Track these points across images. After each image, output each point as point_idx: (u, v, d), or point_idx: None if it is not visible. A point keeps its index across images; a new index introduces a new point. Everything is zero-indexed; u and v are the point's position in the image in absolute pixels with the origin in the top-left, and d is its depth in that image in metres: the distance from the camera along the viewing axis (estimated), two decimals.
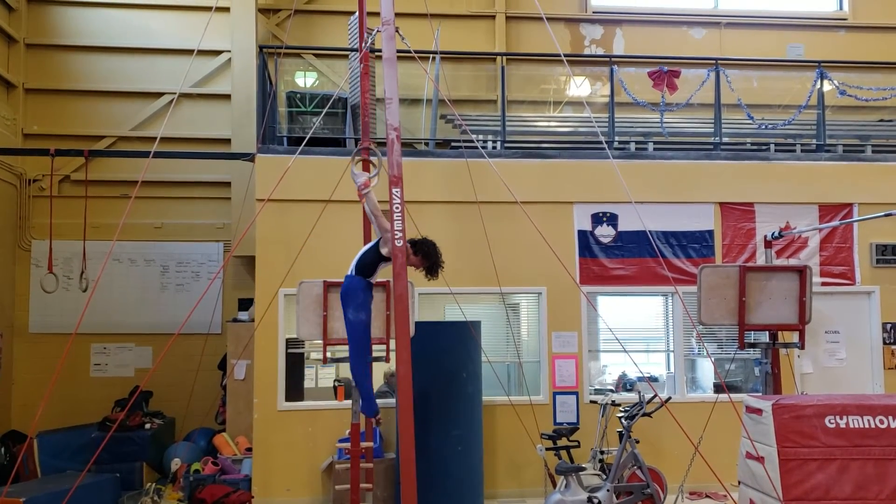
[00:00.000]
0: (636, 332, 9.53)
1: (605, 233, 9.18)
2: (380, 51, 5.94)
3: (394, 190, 5.04)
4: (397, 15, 5.94)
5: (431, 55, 9.60)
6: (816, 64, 9.94)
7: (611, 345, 9.13)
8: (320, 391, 9.16)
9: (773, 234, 8.45)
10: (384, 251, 5.78)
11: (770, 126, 9.82)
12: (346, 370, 8.89)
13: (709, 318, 6.80)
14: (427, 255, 5.88)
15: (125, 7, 11.72)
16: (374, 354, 7.04)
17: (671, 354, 9.32)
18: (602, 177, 8.85)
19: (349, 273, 5.99)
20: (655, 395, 7.41)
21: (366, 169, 7.15)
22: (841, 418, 5.45)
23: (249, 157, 9.22)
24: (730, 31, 12.41)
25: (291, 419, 8.58)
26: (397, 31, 5.91)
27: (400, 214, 5.05)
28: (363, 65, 7.45)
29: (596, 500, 7.03)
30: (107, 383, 11.04)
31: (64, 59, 11.67)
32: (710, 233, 9.31)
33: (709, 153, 9.62)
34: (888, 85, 10.17)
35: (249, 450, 8.91)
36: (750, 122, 9.76)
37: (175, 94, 10.69)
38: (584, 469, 7.53)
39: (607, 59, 10.49)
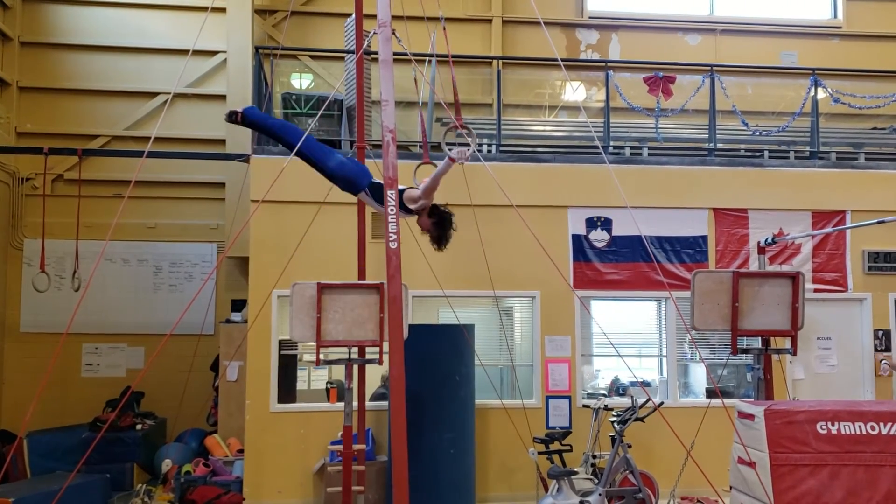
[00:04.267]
0: (629, 336, 9.54)
1: (599, 237, 9.20)
2: (376, 53, 5.93)
3: (389, 192, 5.03)
4: (394, 18, 5.94)
5: (427, 58, 9.61)
6: (810, 71, 9.99)
7: (604, 349, 9.14)
8: (313, 393, 9.14)
9: (766, 240, 8.47)
10: (409, 202, 5.67)
11: (764, 133, 9.86)
12: (339, 372, 8.88)
13: (702, 324, 6.81)
14: (439, 224, 5.77)
15: (121, 6, 11.69)
16: (368, 356, 7.04)
17: (664, 359, 9.34)
18: (597, 181, 8.87)
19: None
20: (648, 400, 7.42)
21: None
22: (832, 424, 5.46)
23: (244, 158, 9.20)
24: (725, 37, 12.47)
25: (283, 421, 8.56)
26: (394, 34, 5.91)
27: (395, 217, 5.04)
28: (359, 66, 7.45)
29: None
30: (98, 383, 10.99)
31: (58, 57, 11.64)
32: (704, 238, 9.34)
33: (703, 159, 9.65)
34: (882, 93, 10.23)
35: (241, 451, 8.88)
36: (744, 128, 9.79)
37: (170, 94, 10.66)
38: (576, 473, 7.52)
39: (603, 64, 10.52)
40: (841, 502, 5.36)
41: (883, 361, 9.24)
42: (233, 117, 5.96)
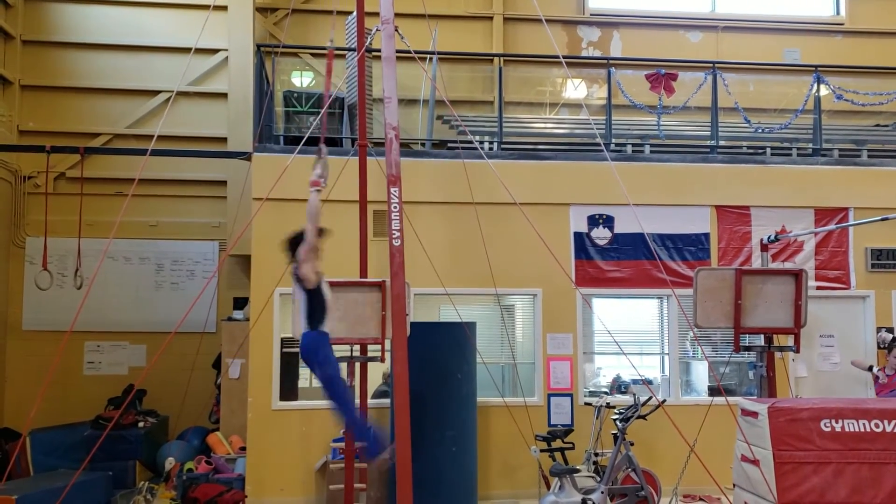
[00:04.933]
0: (631, 334, 9.54)
1: (601, 235, 9.19)
2: (378, 50, 5.93)
3: (392, 189, 5.03)
4: (396, 15, 5.93)
5: (429, 55, 9.60)
6: (813, 68, 9.96)
7: (606, 347, 9.14)
8: (315, 391, 9.11)
9: (768, 237, 8.47)
10: (299, 270, 5.53)
11: (766, 130, 9.84)
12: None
13: (704, 321, 6.81)
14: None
15: (122, 4, 11.69)
16: (370, 354, 7.04)
17: (666, 357, 9.32)
18: (598, 179, 8.86)
19: (302, 330, 5.66)
20: (651, 398, 7.42)
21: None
22: (836, 422, 5.46)
23: (246, 156, 9.19)
24: (727, 34, 12.44)
25: (286, 418, 8.56)
26: (396, 31, 5.91)
27: (398, 214, 5.04)
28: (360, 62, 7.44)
29: (590, 502, 7.02)
30: (100, 381, 11.00)
31: (60, 55, 11.64)
32: (706, 236, 9.33)
33: (705, 156, 9.63)
34: (884, 89, 10.20)
35: (243, 449, 8.88)
36: (746, 125, 9.77)
37: (172, 92, 10.65)
38: (578, 471, 7.52)
39: (605, 61, 10.50)
40: (845, 500, 5.36)
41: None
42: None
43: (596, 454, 8.16)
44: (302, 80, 11.26)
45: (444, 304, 8.98)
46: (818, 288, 9.21)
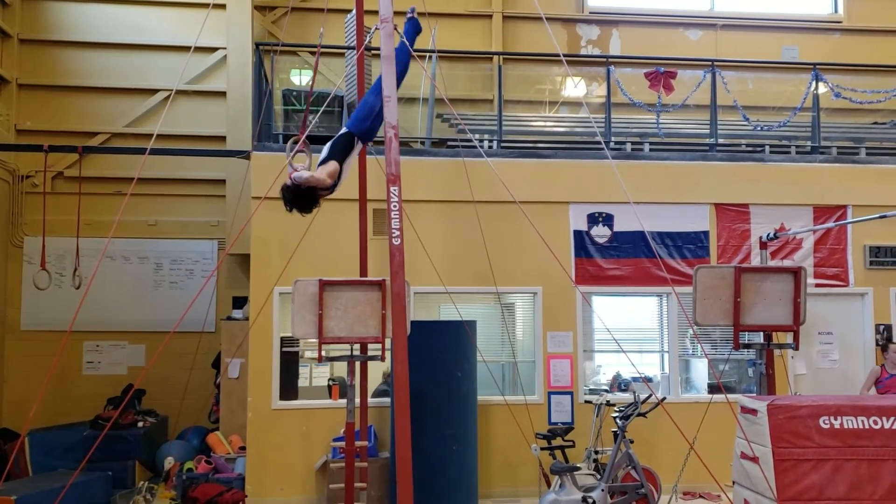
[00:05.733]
0: (631, 332, 9.54)
1: (600, 233, 9.19)
2: (377, 49, 5.92)
3: (392, 188, 5.02)
4: (395, 13, 5.92)
5: (428, 54, 9.60)
6: (811, 66, 9.97)
7: (606, 345, 9.15)
8: (314, 390, 9.14)
9: (767, 235, 8.47)
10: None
11: (765, 128, 9.85)
12: (341, 369, 8.88)
13: (704, 319, 6.80)
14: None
15: (120, 3, 11.67)
16: (370, 353, 7.04)
17: (666, 355, 9.33)
18: (598, 177, 8.86)
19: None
20: (651, 395, 7.43)
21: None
22: (835, 419, 5.46)
23: (245, 155, 9.19)
24: (726, 32, 12.44)
25: (285, 418, 8.55)
26: (396, 30, 5.90)
27: (398, 213, 5.03)
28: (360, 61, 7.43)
29: (590, 500, 7.03)
30: (99, 381, 10.99)
31: (58, 54, 11.61)
32: (706, 234, 9.34)
33: (704, 154, 9.64)
34: (883, 87, 10.23)
35: (243, 448, 8.88)
36: (745, 123, 9.78)
37: (170, 90, 10.64)
38: (578, 469, 7.53)
39: (604, 59, 10.50)
40: (844, 497, 5.36)
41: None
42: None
43: (596, 452, 8.17)
44: (301, 78, 11.25)
45: (445, 303, 8.98)
46: (817, 285, 9.22)
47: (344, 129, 6.14)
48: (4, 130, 11.17)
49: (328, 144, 6.04)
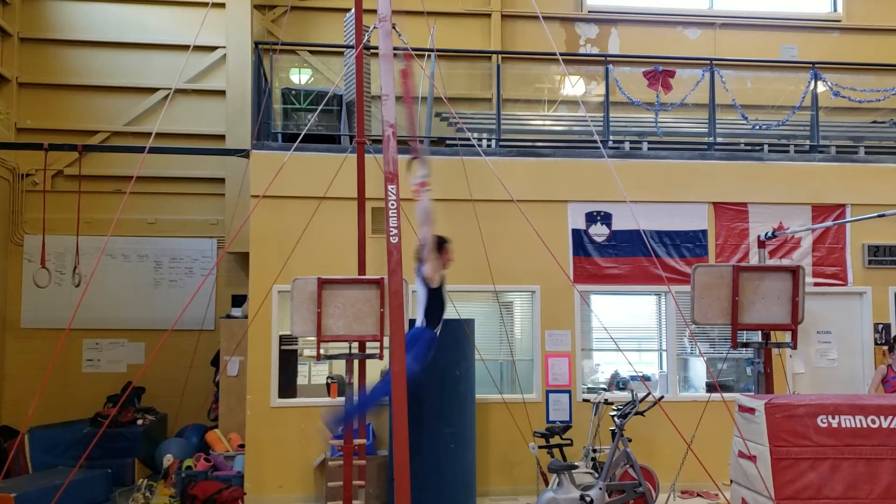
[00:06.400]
0: (629, 330, 9.55)
1: (599, 232, 9.20)
2: (376, 48, 5.93)
3: (389, 187, 5.03)
4: (393, 12, 5.94)
5: (427, 52, 9.60)
6: (810, 65, 9.97)
7: (604, 343, 9.15)
8: (313, 388, 9.15)
9: (766, 234, 8.48)
10: (422, 270, 6.03)
11: (764, 126, 9.85)
12: (339, 367, 8.89)
13: (702, 318, 6.82)
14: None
15: (120, 2, 11.68)
16: (368, 351, 7.06)
17: (664, 353, 9.35)
18: (596, 176, 8.86)
19: (419, 325, 6.20)
20: (649, 394, 7.44)
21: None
22: (833, 418, 5.48)
23: (244, 154, 9.20)
24: (724, 31, 12.45)
25: (284, 416, 8.57)
26: (394, 28, 5.91)
27: (395, 211, 5.05)
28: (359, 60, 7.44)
29: (588, 499, 7.04)
30: (99, 379, 11.01)
31: (58, 53, 11.63)
32: (704, 232, 9.34)
33: (703, 153, 9.65)
34: (881, 86, 10.21)
35: (242, 446, 8.90)
36: (744, 122, 9.78)
37: (170, 89, 10.64)
38: (576, 467, 7.54)
39: (602, 58, 10.50)
40: (841, 496, 5.38)
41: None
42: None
43: (594, 450, 8.17)
44: (300, 77, 11.26)
45: None
46: (815, 284, 9.23)
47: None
48: (5, 129, 11.18)
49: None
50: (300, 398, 8.81)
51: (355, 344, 6.85)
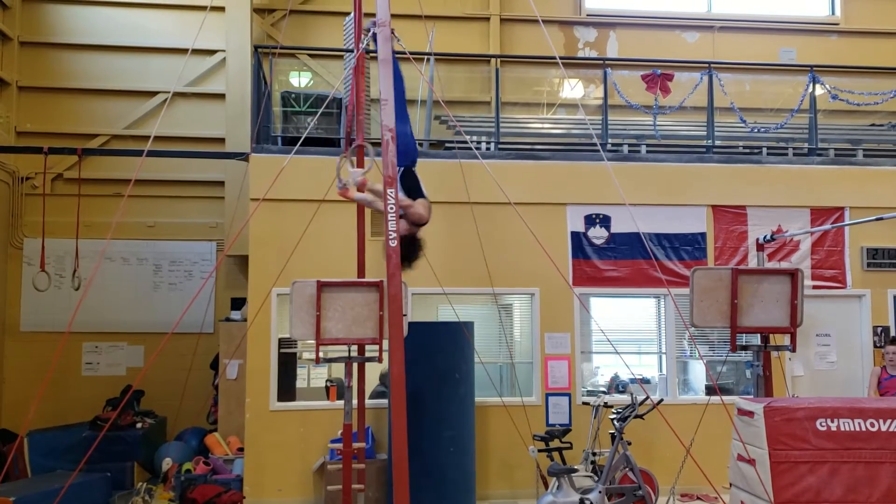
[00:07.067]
0: (628, 333, 9.56)
1: (597, 234, 9.21)
2: (375, 52, 5.94)
3: (388, 191, 5.03)
4: (392, 16, 5.94)
5: (426, 56, 9.62)
6: (809, 68, 10.00)
7: (603, 346, 9.14)
8: (312, 391, 9.14)
9: (765, 237, 8.48)
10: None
11: (762, 129, 9.87)
12: (338, 370, 8.89)
13: (701, 321, 6.81)
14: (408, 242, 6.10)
15: (120, 6, 11.69)
16: (368, 354, 7.05)
17: (663, 356, 9.35)
18: (595, 179, 8.87)
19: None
20: (648, 397, 7.44)
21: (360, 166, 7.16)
22: (832, 421, 5.47)
23: (243, 157, 9.21)
24: (723, 34, 12.46)
25: (283, 419, 8.57)
26: (393, 34, 5.91)
27: (394, 215, 5.04)
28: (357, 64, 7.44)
29: (588, 502, 7.04)
30: (98, 382, 11.00)
31: (58, 57, 11.64)
32: (703, 235, 9.35)
33: (701, 156, 9.66)
34: (880, 89, 10.23)
35: (241, 450, 8.89)
36: (742, 125, 9.80)
37: (169, 93, 10.66)
38: (576, 470, 7.53)
39: (601, 61, 10.51)
40: (841, 499, 5.37)
41: None
42: None
43: (594, 454, 8.18)
44: (300, 80, 11.27)
45: (443, 304, 9.00)
46: (814, 287, 9.24)
47: (401, 169, 6.31)
48: (4, 132, 11.18)
49: (401, 187, 6.24)
50: (299, 401, 8.81)
51: (354, 347, 6.85)
